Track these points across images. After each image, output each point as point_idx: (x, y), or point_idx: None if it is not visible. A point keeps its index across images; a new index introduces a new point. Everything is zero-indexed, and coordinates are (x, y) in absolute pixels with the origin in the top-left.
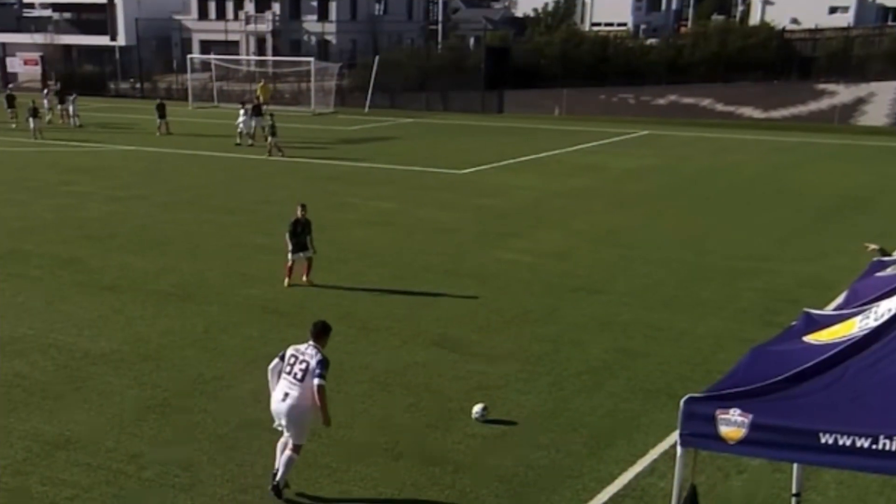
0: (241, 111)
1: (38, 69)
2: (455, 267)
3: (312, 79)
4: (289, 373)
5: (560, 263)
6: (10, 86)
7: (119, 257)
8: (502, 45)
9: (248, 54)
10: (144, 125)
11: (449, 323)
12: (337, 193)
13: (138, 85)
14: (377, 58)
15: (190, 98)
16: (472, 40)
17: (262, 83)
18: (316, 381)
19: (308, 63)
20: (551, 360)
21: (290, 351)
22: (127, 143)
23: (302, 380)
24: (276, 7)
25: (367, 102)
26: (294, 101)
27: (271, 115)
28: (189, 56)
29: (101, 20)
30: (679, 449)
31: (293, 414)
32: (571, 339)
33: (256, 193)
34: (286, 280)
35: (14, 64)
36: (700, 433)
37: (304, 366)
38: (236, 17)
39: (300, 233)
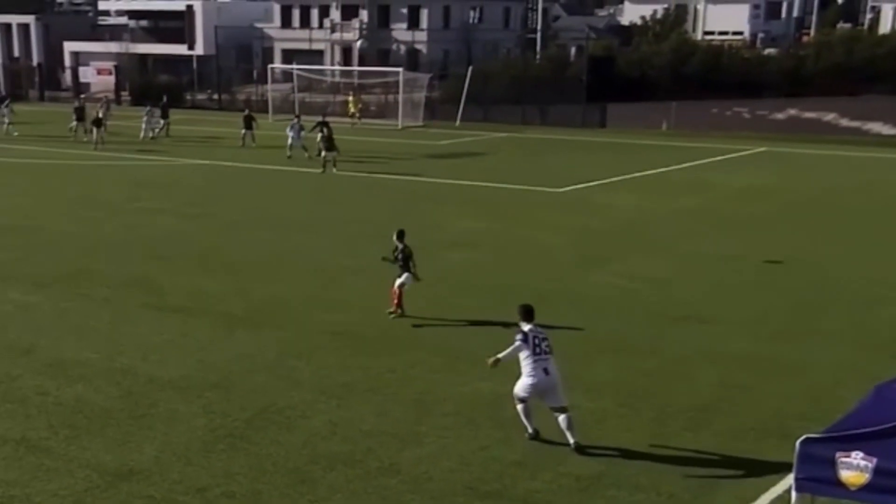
0: (289, 127)
1: (111, 79)
2: (551, 292)
3: (401, 90)
4: (540, 352)
5: (664, 290)
6: (82, 96)
7: (189, 278)
8: (606, 55)
9: (332, 64)
10: (221, 138)
11: None
12: (425, 213)
13: (216, 96)
14: (470, 68)
15: (270, 110)
16: (573, 50)
17: (352, 95)
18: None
19: (396, 74)
20: (653, 394)
21: (530, 333)
22: (201, 156)
23: (551, 352)
24: (364, 15)
25: (459, 115)
26: (381, 114)
27: (325, 124)
28: (270, 66)
29: (178, 28)
30: (794, 494)
31: (558, 381)
32: (675, 371)
33: (341, 212)
34: (393, 307)
35: (87, 74)
36: (817, 477)
37: (547, 341)
38: (321, 26)
39: (401, 262)
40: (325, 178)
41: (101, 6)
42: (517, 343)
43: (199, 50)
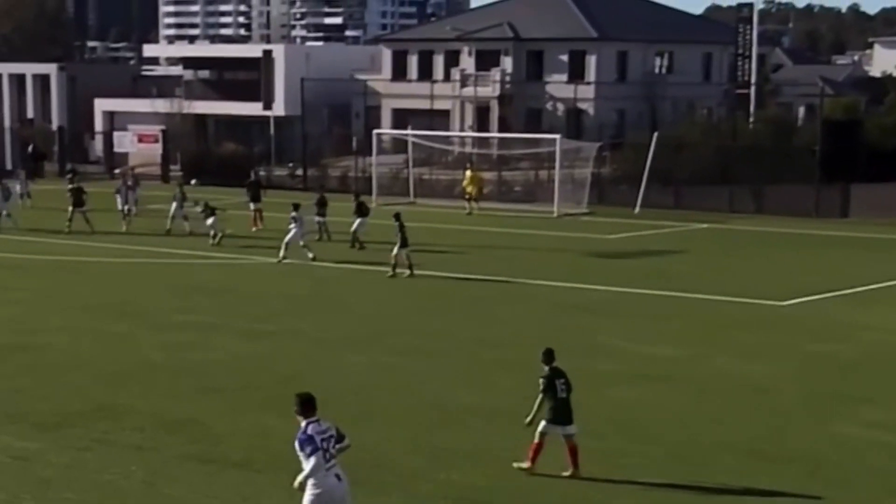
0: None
1: (157, 148)
2: (770, 447)
3: (558, 164)
4: (330, 457)
5: None
6: (116, 171)
7: (255, 419)
8: (849, 118)
9: (463, 128)
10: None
11: None
12: (588, 331)
13: (300, 172)
14: (655, 135)
15: (374, 191)
16: (801, 110)
17: (470, 171)
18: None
19: (552, 142)
20: None
21: (317, 435)
22: (277, 253)
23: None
24: (507, 63)
25: (639, 200)
26: (529, 197)
27: (360, 206)
28: (375, 131)
29: (251, 81)
30: None
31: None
32: None
33: (467, 328)
34: (527, 463)
35: (124, 141)
36: None
37: (335, 439)
38: (447, 78)
39: (562, 396)
40: (450, 282)
41: (147, 52)
42: (311, 455)
43: (279, 109)
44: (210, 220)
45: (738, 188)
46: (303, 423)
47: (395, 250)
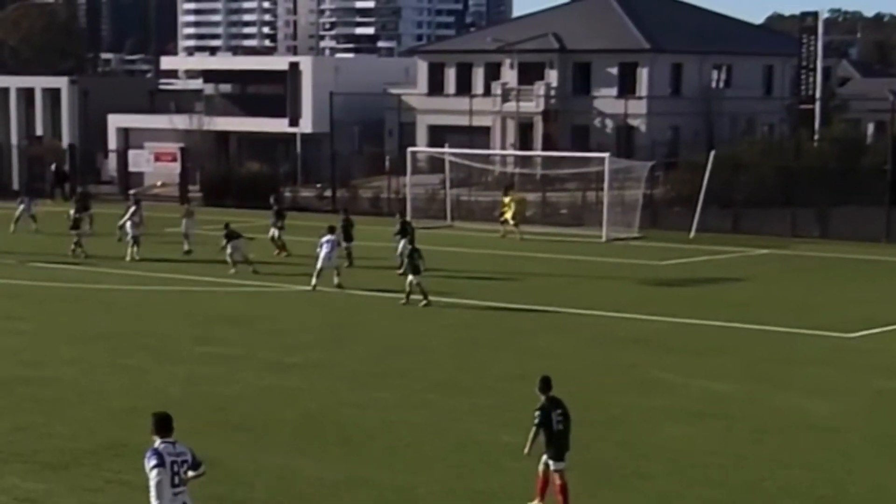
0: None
1: (175, 167)
2: (836, 492)
3: (607, 185)
4: (179, 482)
5: None
6: (133, 192)
7: (280, 458)
8: None
9: (504, 146)
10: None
11: None
12: (637, 365)
13: (328, 193)
14: (712, 154)
15: (409, 213)
16: (870, 127)
17: (512, 193)
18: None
19: (601, 161)
20: None
21: (167, 456)
22: (305, 280)
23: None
24: (552, 76)
25: (695, 223)
26: (575, 220)
27: (404, 225)
28: (410, 149)
29: (276, 96)
30: None
31: None
32: None
33: (506, 362)
34: (536, 500)
35: (139, 160)
36: None
37: (189, 463)
38: (488, 92)
39: (558, 428)
40: (486, 314)
41: (165, 64)
42: (154, 468)
43: (307, 126)
44: (229, 248)
45: (801, 211)
46: (156, 443)
47: (409, 277)
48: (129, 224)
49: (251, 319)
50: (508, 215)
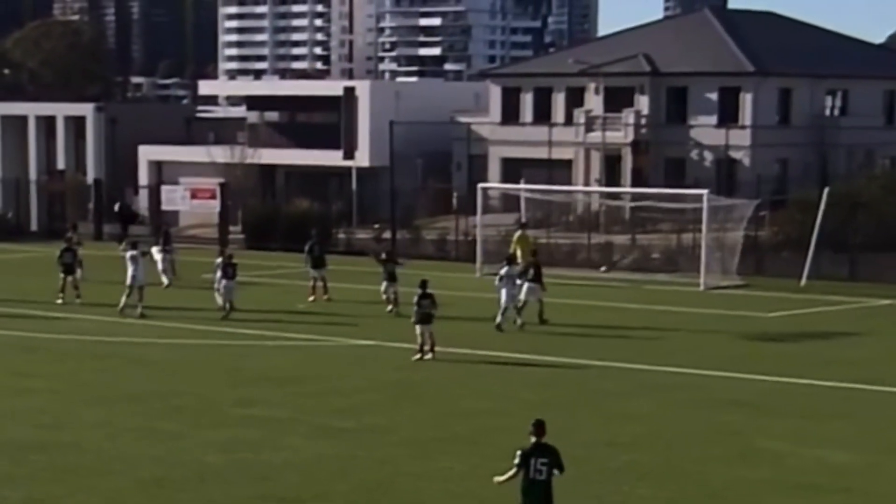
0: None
1: (214, 205)
2: None
3: (705, 226)
4: None
5: None
6: (166, 229)
7: None
8: None
9: (588, 182)
10: (400, 303)
11: None
12: (741, 432)
13: (388, 234)
14: (826, 191)
15: (479, 258)
16: None
17: (519, 233)
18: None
19: (698, 198)
20: None
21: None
22: (362, 333)
23: None
24: (643, 102)
25: (806, 269)
26: (669, 266)
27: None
28: (481, 185)
29: (328, 126)
30: None
31: None
32: None
33: (592, 427)
34: None
35: (174, 197)
36: None
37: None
38: (569, 121)
39: (536, 477)
40: (560, 373)
41: (204, 89)
42: None
43: (363, 159)
44: (223, 284)
45: None
46: None
47: (419, 327)
48: (157, 253)
49: (299, 378)
50: (519, 253)
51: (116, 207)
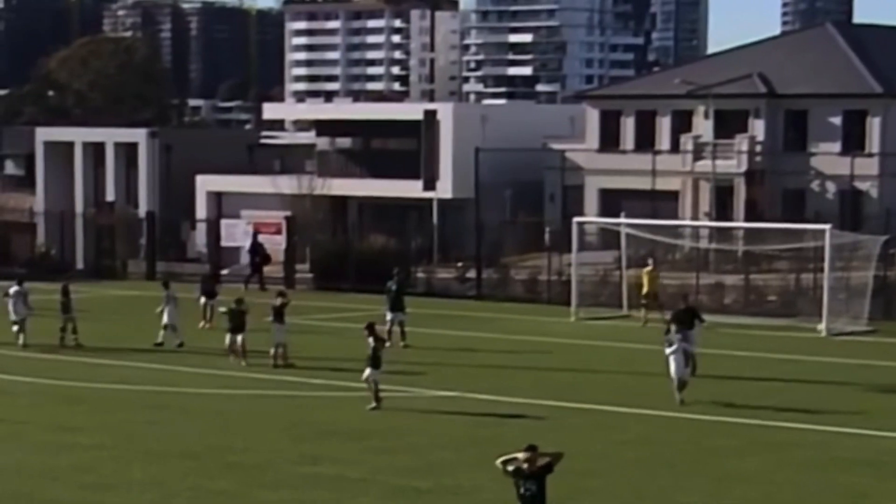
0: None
1: (280, 241)
2: None
3: (827, 265)
4: None
5: None
6: (225, 271)
7: None
8: None
9: (696, 215)
10: (478, 350)
11: None
12: (868, 494)
13: (472, 274)
14: None
15: (574, 299)
16: None
17: (649, 267)
18: None
19: (820, 234)
20: None
21: None
22: (445, 383)
23: None
24: (758, 127)
25: None
26: (787, 309)
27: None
28: (576, 220)
29: (406, 153)
30: None
31: None
32: None
33: (698, 490)
34: None
35: (235, 231)
36: None
37: None
38: (675, 148)
39: None
40: (662, 428)
41: (268, 112)
42: None
43: (446, 190)
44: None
45: None
46: None
47: (366, 372)
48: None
49: (370, 432)
50: (647, 288)
51: (248, 245)
